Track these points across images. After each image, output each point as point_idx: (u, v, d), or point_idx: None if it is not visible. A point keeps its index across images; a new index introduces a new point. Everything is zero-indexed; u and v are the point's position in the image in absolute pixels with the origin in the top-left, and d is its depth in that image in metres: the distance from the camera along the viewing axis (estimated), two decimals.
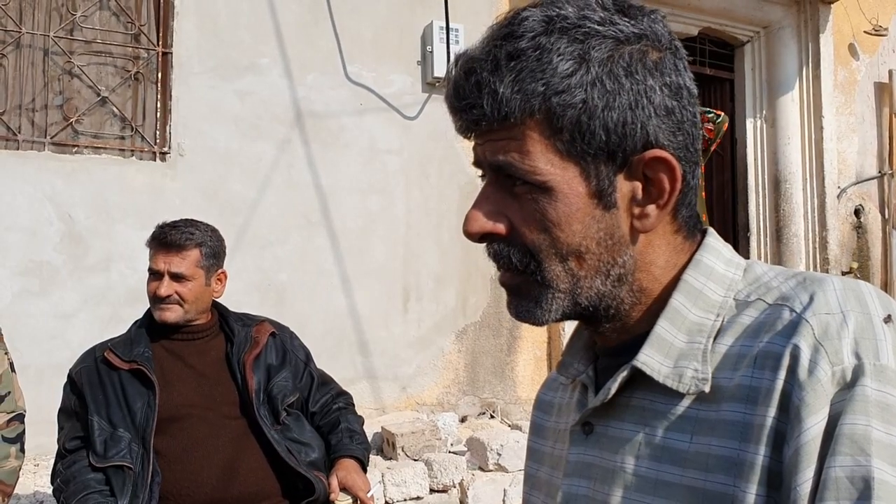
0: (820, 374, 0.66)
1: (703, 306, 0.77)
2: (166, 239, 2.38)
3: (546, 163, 0.74)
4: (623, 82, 0.73)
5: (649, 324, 0.79)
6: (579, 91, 0.73)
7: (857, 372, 0.66)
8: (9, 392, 2.27)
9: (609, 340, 0.84)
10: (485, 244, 0.80)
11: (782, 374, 0.68)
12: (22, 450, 2.30)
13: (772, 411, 0.68)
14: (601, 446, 0.81)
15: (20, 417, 2.30)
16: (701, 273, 0.79)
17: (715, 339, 0.76)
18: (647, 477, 0.76)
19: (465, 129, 0.79)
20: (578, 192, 0.75)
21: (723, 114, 4.75)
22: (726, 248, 0.82)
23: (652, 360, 0.76)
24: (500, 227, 0.78)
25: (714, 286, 0.78)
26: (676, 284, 0.79)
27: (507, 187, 0.77)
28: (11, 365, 2.31)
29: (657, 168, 0.75)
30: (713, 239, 0.82)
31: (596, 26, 0.74)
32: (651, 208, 0.77)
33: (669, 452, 0.75)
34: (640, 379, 0.78)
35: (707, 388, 0.73)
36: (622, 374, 0.78)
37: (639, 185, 0.76)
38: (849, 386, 0.66)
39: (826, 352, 0.67)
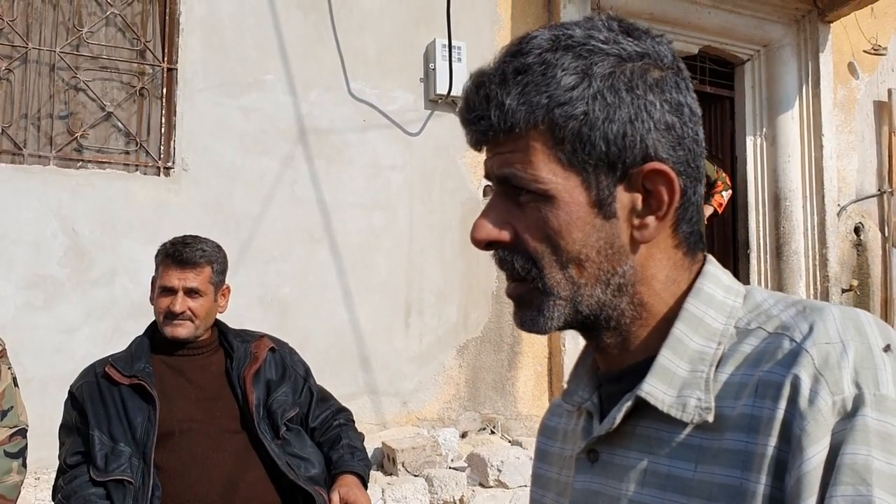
0: (820, 404, 0.67)
1: (704, 334, 0.78)
2: (181, 256, 2.40)
3: (548, 172, 0.77)
4: (623, 96, 0.76)
5: (650, 350, 0.80)
6: (581, 103, 0.75)
7: (858, 402, 0.67)
8: (11, 407, 2.27)
9: (612, 365, 0.85)
10: (492, 252, 0.83)
11: (782, 404, 0.69)
12: (24, 465, 2.30)
13: (772, 440, 0.69)
14: (607, 474, 0.82)
15: (23, 432, 2.31)
16: (701, 301, 0.80)
17: (717, 367, 0.77)
18: None
19: (475, 142, 0.82)
20: (579, 201, 0.77)
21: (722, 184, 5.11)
22: (725, 275, 0.83)
23: (656, 389, 0.77)
24: (505, 235, 0.80)
25: (714, 314, 0.79)
26: (678, 312, 0.80)
27: (513, 198, 0.80)
28: (15, 380, 2.32)
29: (656, 180, 0.77)
30: (713, 266, 0.83)
31: (600, 44, 0.77)
32: (650, 219, 0.78)
33: (674, 481, 0.76)
34: (644, 407, 0.79)
35: (710, 418, 0.74)
36: (627, 404, 0.79)
37: (639, 196, 0.78)
38: (849, 416, 0.67)
39: (826, 381, 0.68)
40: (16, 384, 2.32)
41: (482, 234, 0.81)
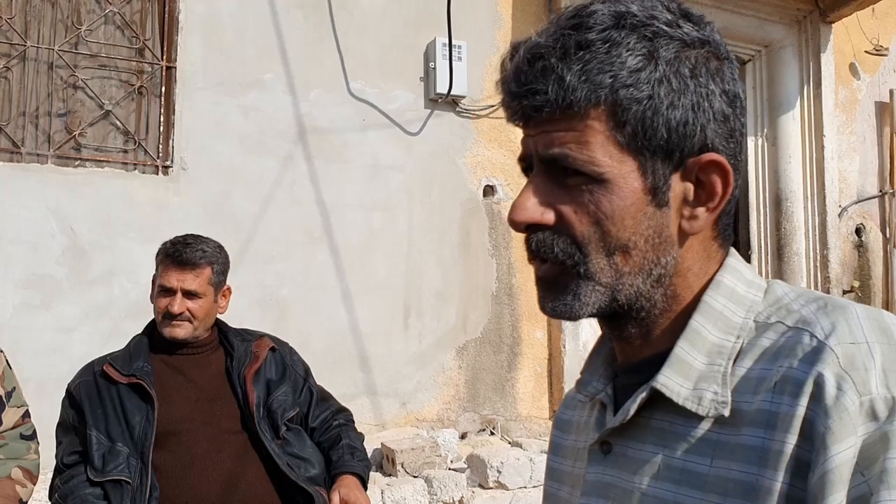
0: (847, 403, 0.66)
1: (722, 328, 0.77)
2: (181, 257, 2.38)
3: (605, 154, 0.74)
4: (688, 83, 0.74)
5: (668, 342, 0.79)
6: (646, 87, 0.73)
7: (892, 407, 0.66)
8: (14, 387, 2.27)
9: (629, 356, 0.83)
10: (525, 236, 0.80)
11: (804, 401, 0.68)
12: (38, 446, 2.31)
13: (792, 438, 0.68)
14: (620, 466, 0.81)
15: (28, 414, 2.31)
16: (721, 294, 0.78)
17: (735, 361, 0.75)
18: (665, 499, 0.76)
19: (522, 117, 0.78)
20: (634, 188, 0.75)
21: None
22: (748, 269, 0.82)
23: (671, 381, 0.76)
24: (549, 217, 0.77)
25: (734, 307, 0.78)
26: (697, 304, 0.78)
27: (557, 179, 0.77)
28: (8, 363, 2.30)
29: (711, 172, 0.76)
30: (734, 259, 0.82)
31: (664, 27, 0.74)
32: (701, 211, 0.77)
33: (689, 475, 0.74)
34: (659, 400, 0.77)
35: (727, 412, 0.73)
36: (641, 396, 0.78)
37: (691, 186, 0.77)
38: (881, 420, 0.65)
39: (853, 381, 0.67)
40: (9, 367, 2.30)
41: (523, 215, 0.77)
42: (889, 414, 0.65)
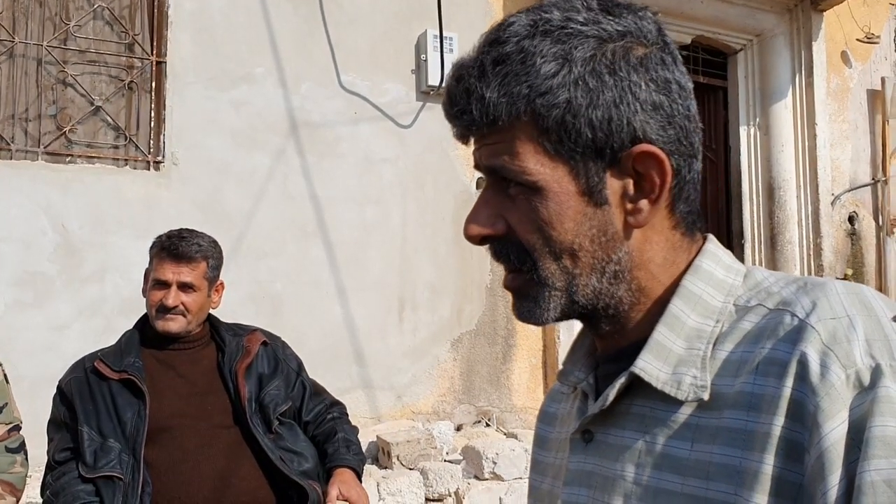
0: (833, 379, 0.66)
1: (702, 312, 0.77)
2: (177, 250, 2.37)
3: (535, 163, 0.75)
4: (606, 80, 0.74)
5: (648, 329, 0.78)
6: (562, 91, 0.73)
7: (876, 374, 0.65)
8: (6, 403, 2.26)
9: (610, 345, 0.83)
10: (487, 246, 0.82)
11: (789, 382, 0.67)
12: (26, 458, 2.29)
13: (779, 419, 0.67)
14: (601, 454, 0.81)
15: (18, 428, 2.29)
16: (700, 278, 0.78)
17: (715, 345, 0.75)
18: (647, 485, 0.75)
19: (460, 135, 0.81)
20: (568, 191, 0.76)
21: None
22: (726, 254, 0.82)
23: (650, 366, 0.76)
24: (499, 228, 0.79)
25: (713, 292, 0.78)
26: (675, 290, 0.78)
27: (503, 190, 0.78)
28: (5, 376, 2.30)
29: (646, 162, 0.76)
30: (713, 245, 0.82)
31: (579, 27, 0.75)
32: (643, 203, 0.77)
33: (670, 460, 0.74)
34: (639, 386, 0.77)
35: (706, 396, 0.73)
36: (620, 381, 0.78)
37: (630, 180, 0.77)
38: (868, 388, 0.65)
39: (836, 356, 0.66)
40: (7, 381, 2.29)
41: (474, 230, 0.80)
42: (872, 382, 0.65)
